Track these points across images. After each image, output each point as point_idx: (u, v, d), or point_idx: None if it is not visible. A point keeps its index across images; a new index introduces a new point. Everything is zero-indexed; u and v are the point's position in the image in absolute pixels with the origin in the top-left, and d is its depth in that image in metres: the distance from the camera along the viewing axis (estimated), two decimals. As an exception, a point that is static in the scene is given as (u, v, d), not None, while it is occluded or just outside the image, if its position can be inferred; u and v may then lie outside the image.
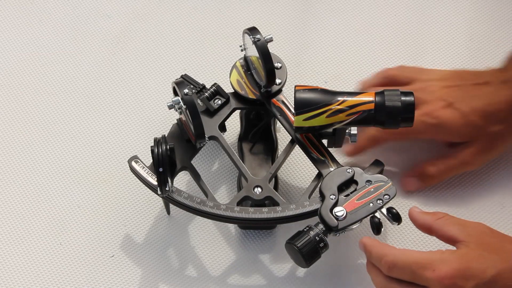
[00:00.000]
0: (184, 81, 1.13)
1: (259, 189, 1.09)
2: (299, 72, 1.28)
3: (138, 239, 1.15)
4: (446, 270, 0.93)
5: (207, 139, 1.10)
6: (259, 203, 1.09)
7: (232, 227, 1.15)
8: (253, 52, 1.11)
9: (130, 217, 1.16)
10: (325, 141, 1.13)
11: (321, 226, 1.04)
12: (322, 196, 1.06)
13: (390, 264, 0.98)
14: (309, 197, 1.08)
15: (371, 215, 1.05)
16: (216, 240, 1.15)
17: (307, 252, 1.03)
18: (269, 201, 1.09)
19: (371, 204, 1.05)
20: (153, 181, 1.08)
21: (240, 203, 1.08)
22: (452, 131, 1.12)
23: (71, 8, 1.34)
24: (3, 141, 1.22)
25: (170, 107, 1.09)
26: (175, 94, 1.12)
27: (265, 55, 1.09)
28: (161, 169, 1.03)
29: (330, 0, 1.34)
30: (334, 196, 1.05)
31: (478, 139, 1.13)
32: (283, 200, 1.09)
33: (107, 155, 1.21)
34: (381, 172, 1.09)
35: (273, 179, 1.12)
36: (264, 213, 1.07)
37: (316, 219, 1.05)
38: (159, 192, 1.07)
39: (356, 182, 1.07)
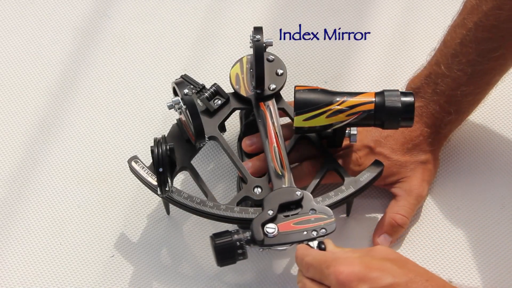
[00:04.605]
0: (184, 81, 1.13)
1: (259, 189, 1.09)
2: (299, 72, 1.28)
3: (138, 239, 1.15)
4: (344, 268, 0.93)
5: (207, 139, 1.10)
6: (259, 203, 1.09)
7: (231, 227, 1.15)
8: None
9: (130, 217, 1.16)
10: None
11: (248, 234, 1.04)
12: (262, 208, 1.06)
13: (308, 264, 0.98)
14: (309, 197, 1.09)
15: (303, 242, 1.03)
16: (216, 240, 1.15)
17: (221, 252, 1.03)
18: (268, 201, 1.09)
19: (305, 232, 1.03)
20: (153, 181, 1.08)
21: (240, 203, 1.08)
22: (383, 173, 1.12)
23: (71, 8, 1.34)
24: (3, 141, 1.22)
25: (170, 107, 1.09)
26: (175, 94, 1.12)
27: (258, 56, 1.09)
28: (161, 169, 1.03)
29: (330, 0, 1.34)
30: (272, 212, 1.05)
31: (412, 171, 1.14)
32: (282, 200, 1.09)
33: (107, 155, 1.21)
34: (381, 172, 1.10)
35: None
36: (264, 213, 1.07)
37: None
38: (159, 192, 1.07)
39: (301, 207, 1.06)
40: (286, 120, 1.17)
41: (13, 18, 1.33)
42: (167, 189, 1.06)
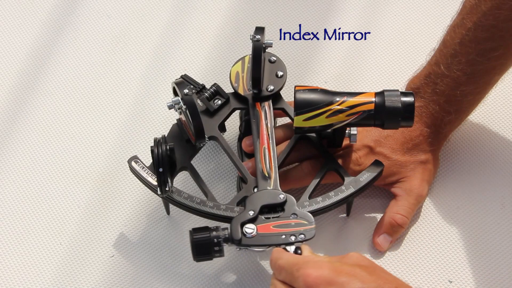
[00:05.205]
0: (184, 81, 1.13)
1: (259, 189, 1.09)
2: (299, 72, 1.28)
3: (137, 239, 1.15)
4: (313, 271, 0.92)
5: (207, 139, 1.10)
6: (259, 203, 1.09)
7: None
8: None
9: (130, 217, 1.16)
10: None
11: (227, 232, 1.04)
12: (243, 208, 1.06)
13: (281, 267, 0.97)
14: (309, 197, 1.08)
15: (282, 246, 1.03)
16: (216, 240, 1.15)
17: (198, 247, 1.03)
18: (268, 201, 1.09)
19: (283, 236, 1.03)
20: (153, 181, 1.08)
21: (240, 203, 1.08)
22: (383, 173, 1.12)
23: (71, 8, 1.34)
24: (3, 141, 1.22)
25: (170, 107, 1.09)
26: (175, 94, 1.12)
27: (256, 56, 1.09)
28: (161, 169, 1.03)
29: (330, 0, 1.34)
30: (252, 212, 1.05)
31: (412, 171, 1.14)
32: (282, 200, 1.09)
33: (107, 155, 1.21)
34: (381, 172, 1.10)
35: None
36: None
37: None
38: (159, 192, 1.07)
39: (284, 210, 1.06)
40: (286, 120, 1.17)
41: (13, 17, 1.33)
42: (167, 189, 1.06)
